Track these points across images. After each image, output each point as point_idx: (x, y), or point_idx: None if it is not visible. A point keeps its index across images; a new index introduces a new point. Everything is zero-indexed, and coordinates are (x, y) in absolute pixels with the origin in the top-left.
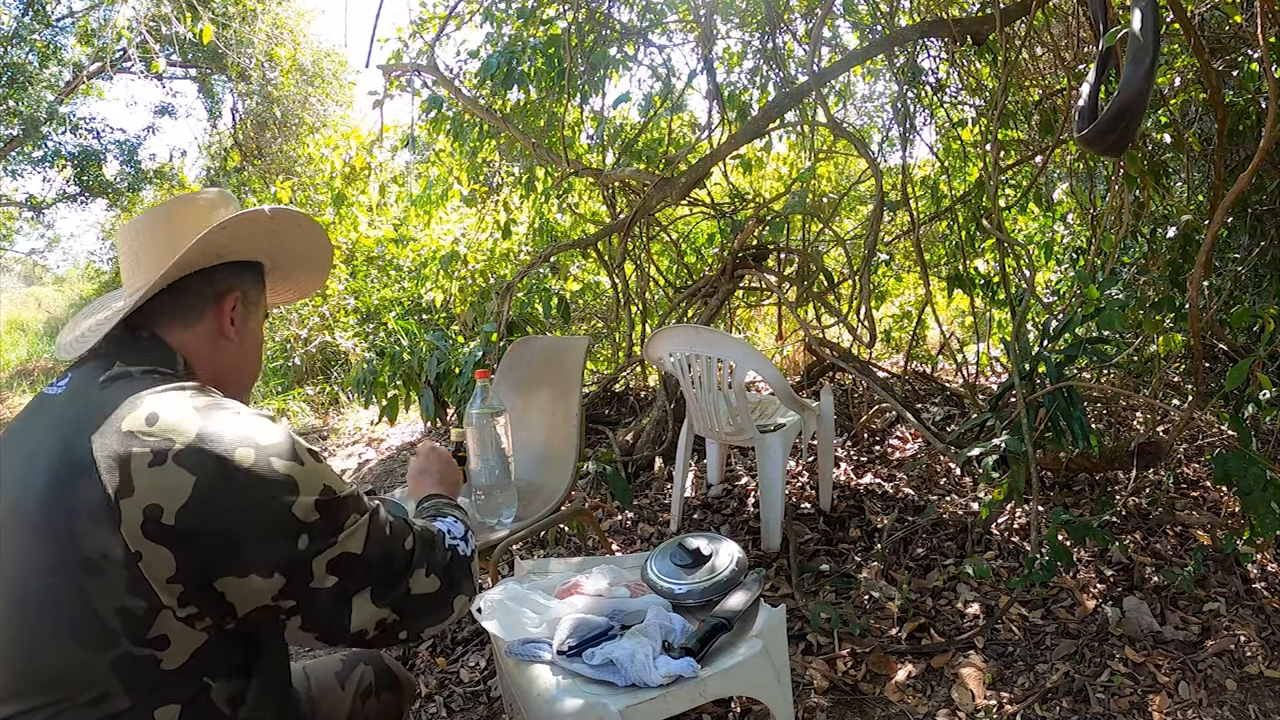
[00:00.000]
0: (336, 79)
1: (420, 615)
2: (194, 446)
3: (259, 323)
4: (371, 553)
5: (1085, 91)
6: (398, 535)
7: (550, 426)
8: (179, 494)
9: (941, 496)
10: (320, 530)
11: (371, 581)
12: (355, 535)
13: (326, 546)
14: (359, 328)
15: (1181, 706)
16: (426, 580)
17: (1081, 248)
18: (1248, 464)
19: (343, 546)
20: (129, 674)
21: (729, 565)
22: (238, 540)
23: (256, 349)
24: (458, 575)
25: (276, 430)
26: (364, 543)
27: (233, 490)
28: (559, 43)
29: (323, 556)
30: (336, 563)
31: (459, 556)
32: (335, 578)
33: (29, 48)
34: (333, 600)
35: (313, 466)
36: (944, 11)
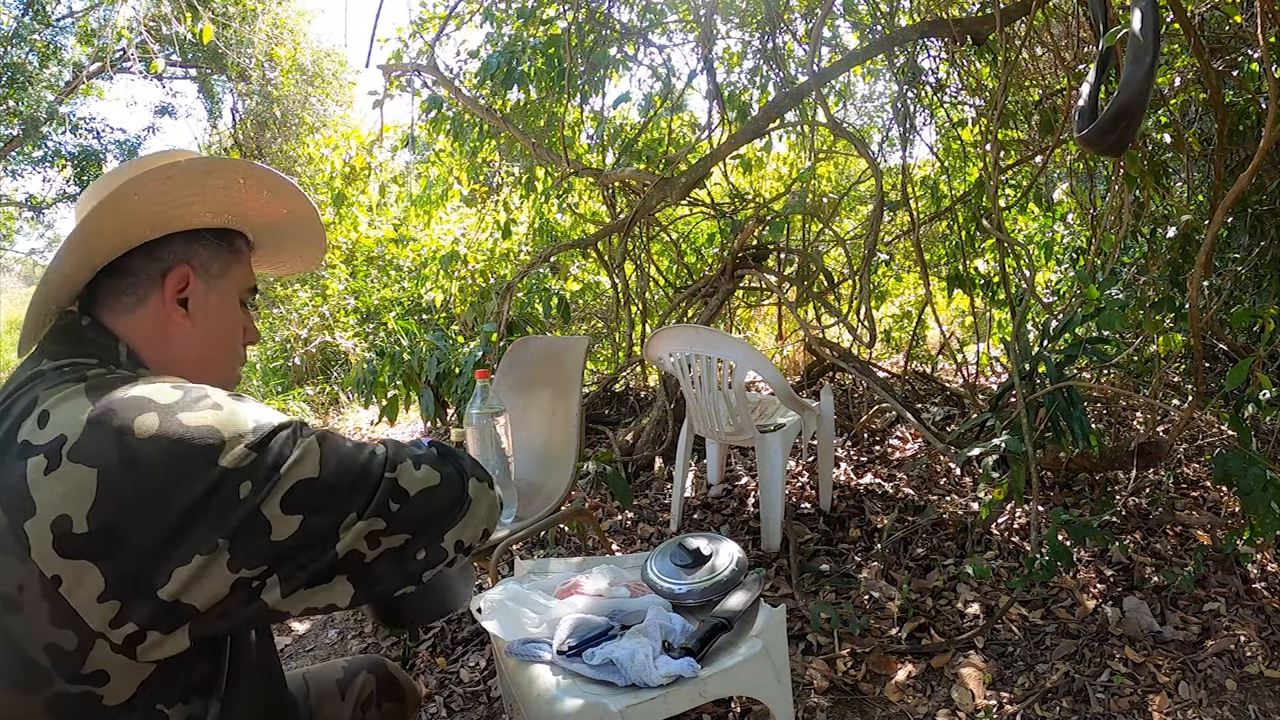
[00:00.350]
0: (336, 79)
1: (430, 520)
2: (87, 434)
3: (228, 302)
4: (332, 473)
5: (1085, 91)
6: (362, 445)
7: (550, 426)
8: (84, 495)
9: (941, 496)
10: (262, 469)
11: (349, 502)
12: (304, 460)
13: (272, 484)
14: (359, 328)
15: (1181, 706)
16: (418, 473)
17: (1081, 248)
18: (1248, 464)
19: (293, 476)
20: (67, 713)
21: (729, 565)
22: (167, 523)
23: (222, 334)
24: (458, 462)
25: (184, 386)
26: (319, 464)
27: (143, 468)
28: (559, 43)
29: (271, 498)
30: (292, 498)
31: (451, 452)
32: (298, 516)
33: (29, 48)
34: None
35: (234, 407)
36: (944, 11)
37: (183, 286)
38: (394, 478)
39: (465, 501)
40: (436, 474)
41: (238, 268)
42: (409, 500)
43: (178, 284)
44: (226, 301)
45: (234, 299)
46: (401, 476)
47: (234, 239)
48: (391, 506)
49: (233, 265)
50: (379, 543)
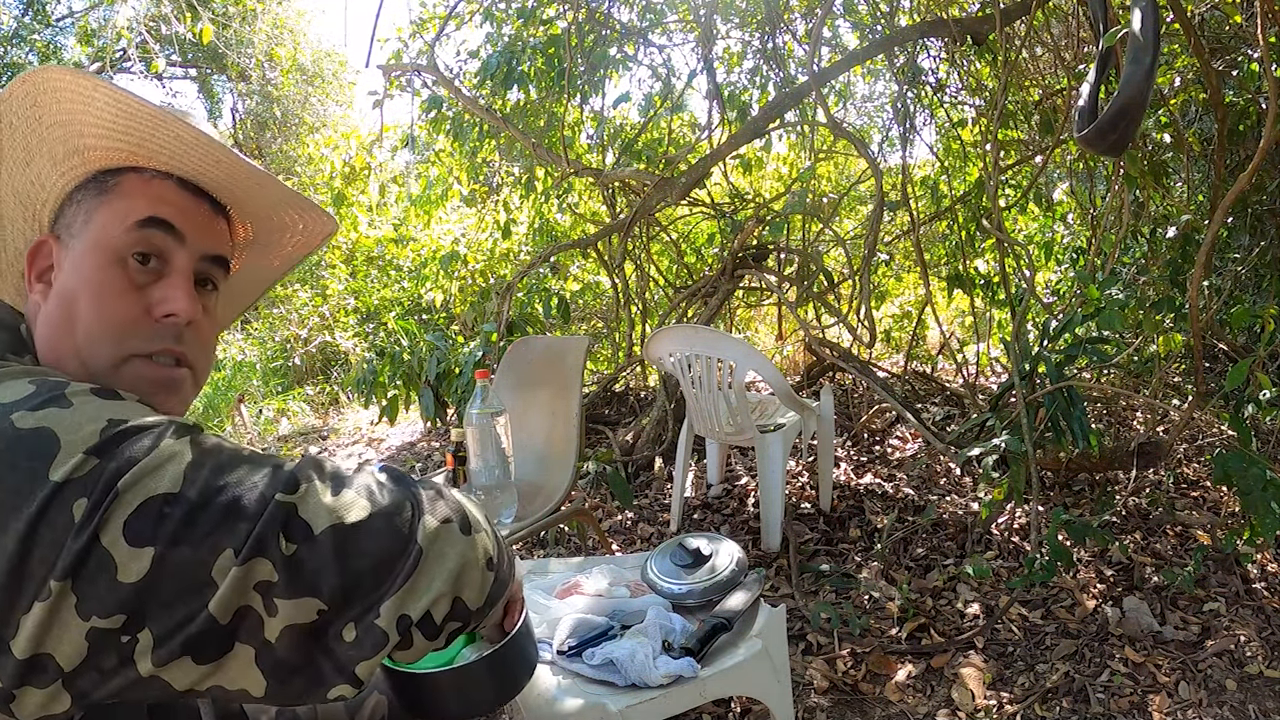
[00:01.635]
0: (336, 79)
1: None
2: None
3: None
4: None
5: (1085, 91)
6: (257, 458)
7: (550, 426)
8: None
9: (941, 496)
10: (101, 481)
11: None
12: (162, 469)
13: (110, 503)
14: (359, 328)
15: (1181, 706)
16: (333, 499)
17: (1081, 248)
18: (1248, 464)
19: (143, 490)
20: None
21: (729, 565)
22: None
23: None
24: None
25: (40, 381)
26: (181, 475)
27: None
28: (559, 43)
29: (111, 521)
30: (138, 521)
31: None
32: (148, 549)
33: (29, 48)
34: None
35: (87, 403)
36: (944, 11)
37: (47, 264)
38: (289, 502)
39: (411, 552)
40: (365, 505)
41: (105, 211)
42: (314, 541)
43: (37, 259)
44: (82, 259)
45: (96, 254)
46: (304, 503)
47: (109, 179)
48: (284, 546)
49: (97, 211)
50: (274, 607)
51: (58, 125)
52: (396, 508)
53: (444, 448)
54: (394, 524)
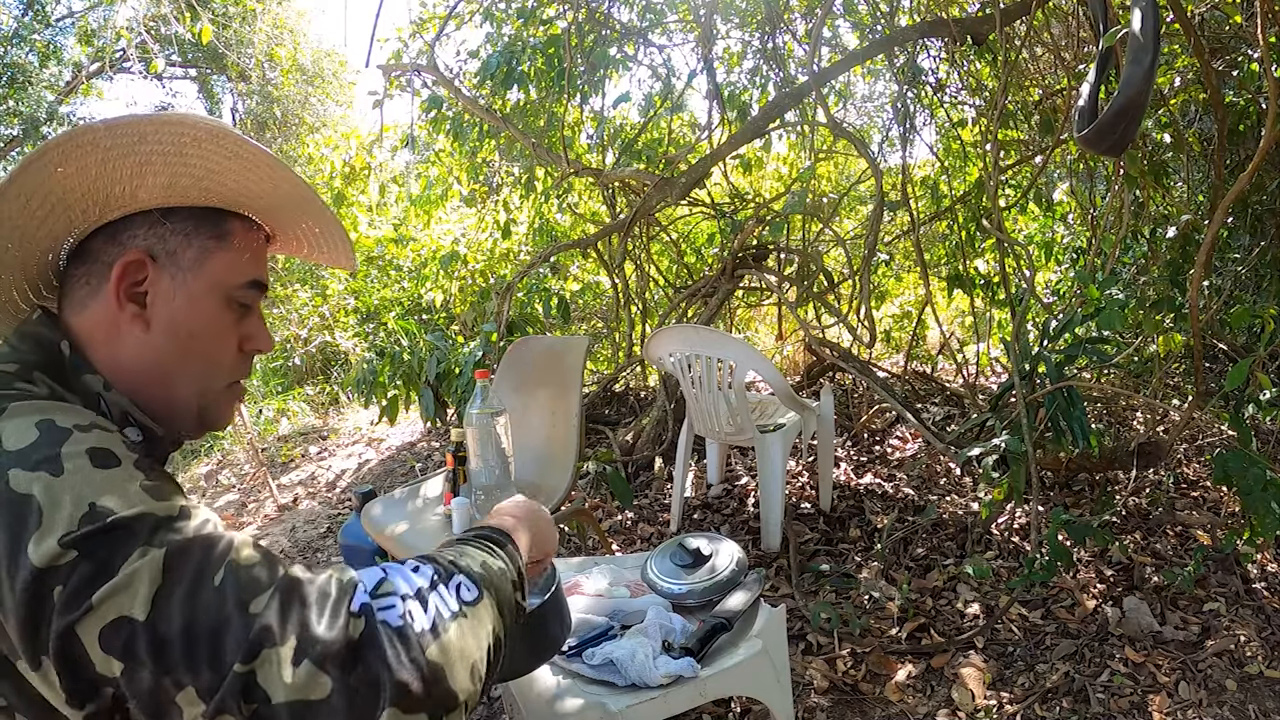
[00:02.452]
0: (336, 79)
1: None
2: None
3: (206, 300)
4: (163, 618)
5: (1085, 91)
6: (237, 589)
7: (550, 426)
8: None
9: (941, 496)
10: (74, 581)
11: (181, 671)
12: (135, 584)
13: (84, 609)
14: (359, 328)
15: (1181, 706)
16: (295, 672)
17: (1081, 248)
18: (1248, 464)
19: (112, 606)
20: None
21: (729, 565)
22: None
23: (196, 338)
24: (372, 666)
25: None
26: (150, 599)
27: None
28: (559, 43)
29: (86, 626)
30: (112, 633)
31: (382, 627)
32: (120, 663)
33: (29, 48)
34: (145, 702)
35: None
36: (944, 11)
37: (140, 279)
38: (246, 672)
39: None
40: (325, 681)
41: (222, 257)
42: (269, 707)
43: (129, 274)
44: (200, 300)
45: (213, 298)
46: (260, 671)
47: (222, 221)
48: (243, 708)
49: (214, 254)
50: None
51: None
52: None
53: (444, 448)
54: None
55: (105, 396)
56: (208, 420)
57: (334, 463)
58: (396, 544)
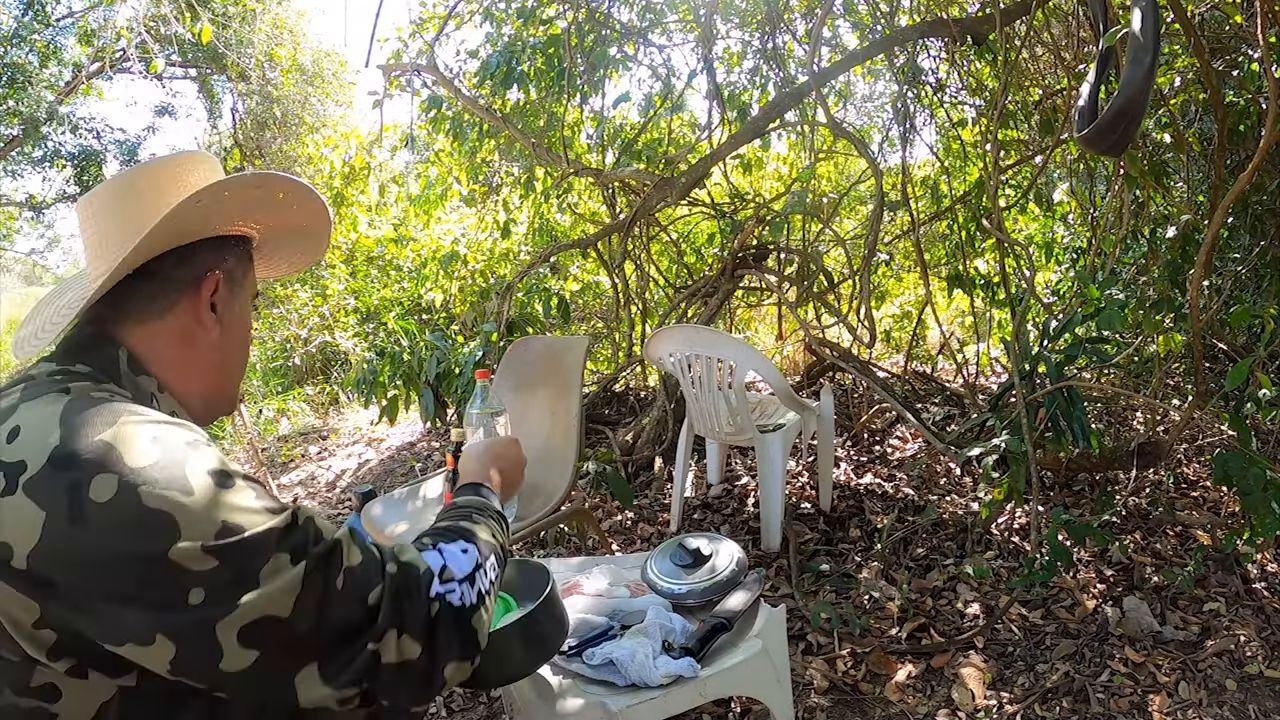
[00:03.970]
0: (336, 79)
1: (396, 691)
2: (45, 472)
3: (246, 306)
4: (304, 619)
5: (1085, 91)
6: (355, 588)
7: (550, 426)
8: (29, 533)
9: (941, 496)
10: (220, 585)
11: (313, 656)
12: (277, 593)
13: (229, 609)
14: (359, 328)
15: (1181, 706)
16: (400, 644)
17: (1081, 248)
18: (1248, 464)
19: (257, 609)
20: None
21: (729, 565)
22: (103, 599)
23: (242, 339)
24: (446, 636)
25: (164, 445)
26: (293, 603)
27: (88, 534)
28: (559, 43)
29: (228, 623)
30: (251, 632)
31: (450, 609)
32: (254, 652)
33: (29, 48)
34: (259, 682)
35: (207, 495)
36: (944, 11)
37: (214, 292)
38: (377, 650)
39: (437, 684)
40: (418, 647)
41: (251, 273)
42: (380, 670)
43: (212, 289)
44: (246, 305)
45: (247, 302)
46: (385, 651)
47: (248, 245)
48: (362, 676)
49: (249, 270)
50: (348, 704)
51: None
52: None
53: (444, 448)
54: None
55: (158, 397)
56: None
57: (334, 463)
58: None
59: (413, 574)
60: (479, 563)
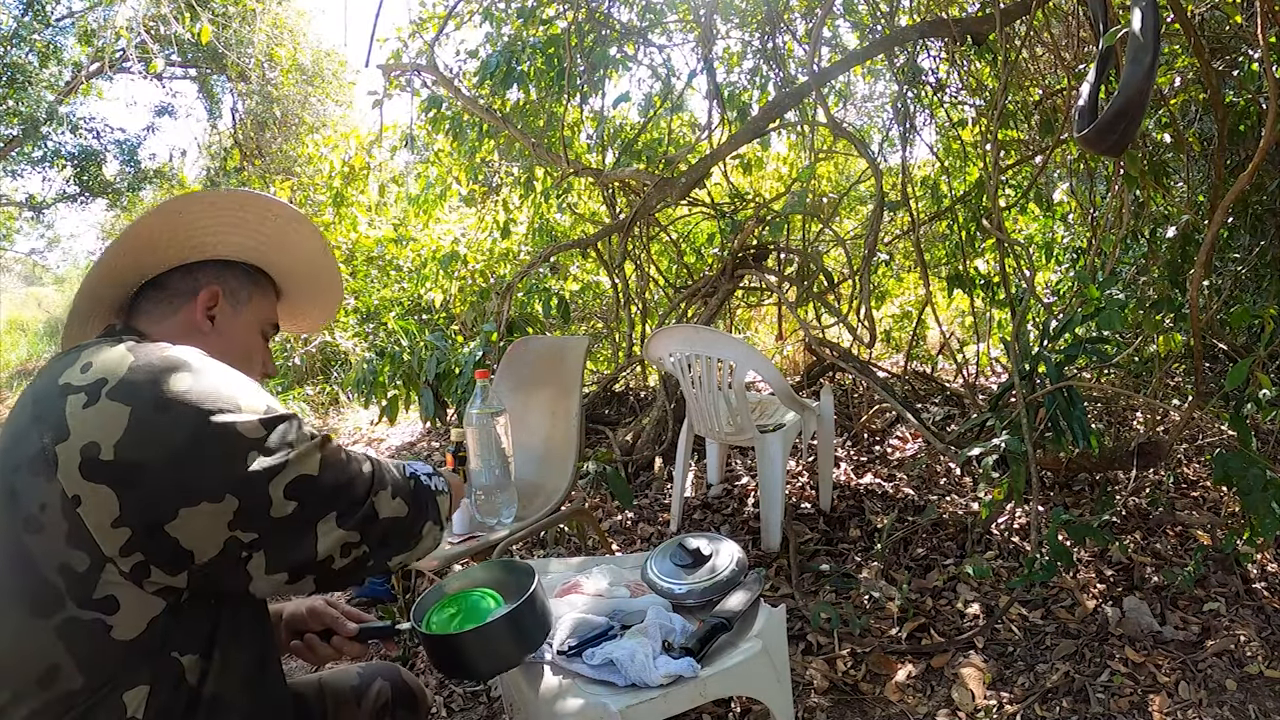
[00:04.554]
0: (336, 79)
1: (387, 541)
2: (126, 380)
3: (249, 328)
4: (329, 476)
5: (1085, 91)
6: (355, 459)
7: (550, 426)
8: (115, 428)
9: (941, 496)
10: (271, 448)
11: (334, 506)
12: (309, 457)
13: (280, 467)
14: (359, 328)
15: (1181, 706)
16: (393, 503)
17: (1081, 248)
18: (1248, 464)
19: (298, 468)
20: (78, 644)
21: (729, 565)
22: (183, 465)
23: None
24: (425, 500)
25: (214, 364)
26: (319, 465)
27: (171, 415)
28: (559, 43)
29: (279, 479)
30: (294, 486)
31: (424, 486)
32: (294, 503)
33: (29, 48)
34: (295, 530)
35: (255, 390)
36: (944, 11)
37: (212, 304)
38: (375, 501)
39: (418, 537)
40: (405, 507)
41: (261, 300)
42: (378, 522)
43: (208, 301)
44: (248, 327)
45: (255, 328)
46: (379, 501)
47: (259, 276)
48: (366, 525)
49: (256, 296)
50: (349, 553)
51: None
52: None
53: (444, 448)
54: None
55: None
56: None
57: None
58: None
59: (391, 462)
60: (432, 470)
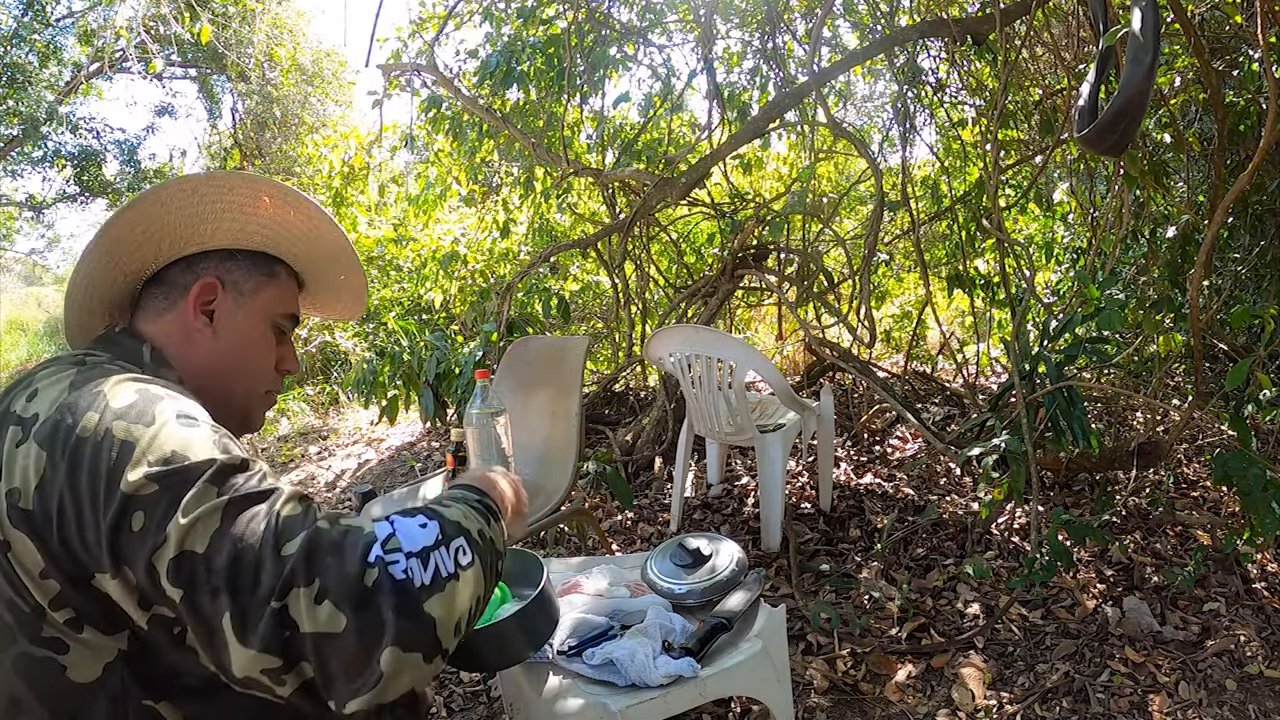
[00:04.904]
0: (336, 79)
1: (327, 674)
2: (50, 420)
3: (257, 321)
4: (218, 555)
5: (1085, 91)
6: (274, 533)
7: (550, 426)
8: (34, 473)
9: (941, 496)
10: (155, 511)
11: (228, 599)
12: (199, 523)
13: (160, 539)
14: (359, 328)
15: (1181, 706)
16: (315, 608)
17: (1081, 248)
18: (1248, 464)
19: (179, 540)
20: (35, 679)
21: (729, 565)
22: (84, 524)
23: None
24: (383, 613)
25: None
26: (209, 537)
27: (73, 462)
28: (559, 42)
29: (161, 552)
30: (178, 564)
31: (391, 581)
32: (180, 590)
33: (29, 48)
34: (198, 623)
35: (166, 427)
36: (944, 11)
37: (210, 299)
38: (283, 607)
39: (372, 672)
40: (341, 617)
41: (271, 290)
42: (300, 642)
43: (203, 294)
44: (254, 321)
45: (262, 321)
46: (294, 610)
47: (272, 264)
48: (283, 643)
49: (266, 287)
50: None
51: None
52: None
53: (444, 448)
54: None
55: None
56: (248, 420)
57: (334, 463)
58: None
59: (347, 533)
60: (439, 540)
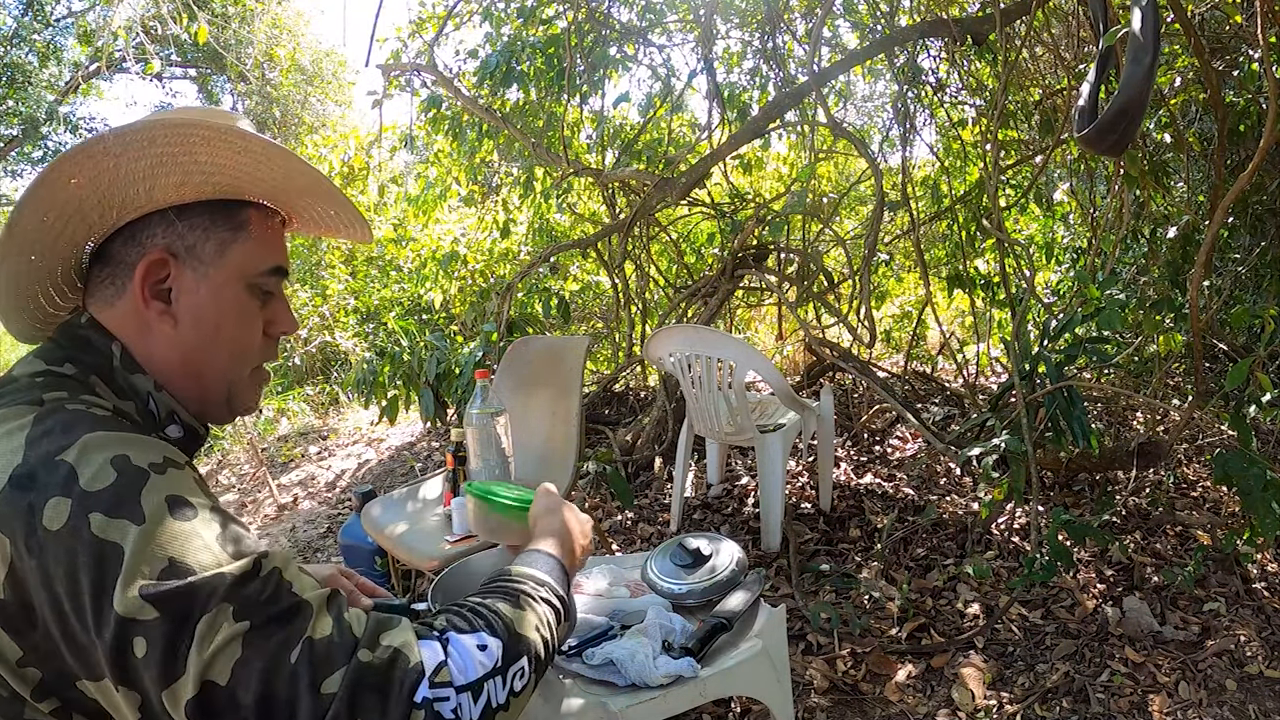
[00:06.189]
0: (336, 79)
1: None
2: (6, 494)
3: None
4: (243, 688)
5: (1085, 91)
6: (310, 666)
7: (550, 426)
8: (2, 560)
9: (941, 496)
10: (160, 639)
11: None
12: (219, 657)
13: (174, 672)
14: (359, 328)
15: (1181, 706)
16: None
17: (1081, 248)
18: (1248, 464)
19: (199, 676)
20: None
21: (729, 565)
22: (66, 630)
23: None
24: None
25: (124, 468)
26: (232, 668)
27: (44, 564)
28: (559, 42)
29: (177, 689)
30: (198, 702)
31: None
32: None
33: (29, 48)
34: None
35: (159, 525)
36: (944, 11)
37: (162, 276)
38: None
39: None
40: None
41: (241, 248)
42: None
43: (151, 273)
44: (224, 290)
45: (236, 288)
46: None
47: (237, 212)
48: None
49: (233, 246)
50: None
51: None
52: None
53: (444, 448)
54: None
55: (155, 396)
56: (235, 406)
57: (334, 463)
58: (396, 544)
59: (393, 666)
60: (498, 666)
